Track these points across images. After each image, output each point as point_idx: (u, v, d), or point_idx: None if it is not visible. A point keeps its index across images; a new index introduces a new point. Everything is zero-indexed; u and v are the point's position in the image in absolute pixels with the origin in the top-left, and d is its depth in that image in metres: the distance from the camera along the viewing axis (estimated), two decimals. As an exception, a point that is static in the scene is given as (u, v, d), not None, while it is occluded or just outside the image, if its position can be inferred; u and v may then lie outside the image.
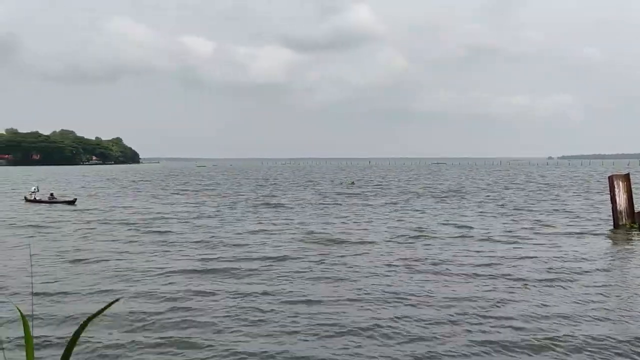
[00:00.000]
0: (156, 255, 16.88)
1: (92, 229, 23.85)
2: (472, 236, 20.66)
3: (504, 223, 24.79)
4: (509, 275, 13.83)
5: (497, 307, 10.96)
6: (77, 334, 1.96)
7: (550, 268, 14.67)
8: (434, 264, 15.25)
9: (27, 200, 39.63)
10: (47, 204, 37.02)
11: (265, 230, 22.75)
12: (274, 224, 24.67)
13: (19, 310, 1.81)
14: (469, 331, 9.51)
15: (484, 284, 12.97)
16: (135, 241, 19.90)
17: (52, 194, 39.56)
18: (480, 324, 9.91)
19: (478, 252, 17.29)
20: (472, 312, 10.59)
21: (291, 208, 32.96)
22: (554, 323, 9.88)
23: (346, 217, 27.72)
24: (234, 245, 18.82)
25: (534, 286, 12.68)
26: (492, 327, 9.73)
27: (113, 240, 20.15)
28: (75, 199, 38.74)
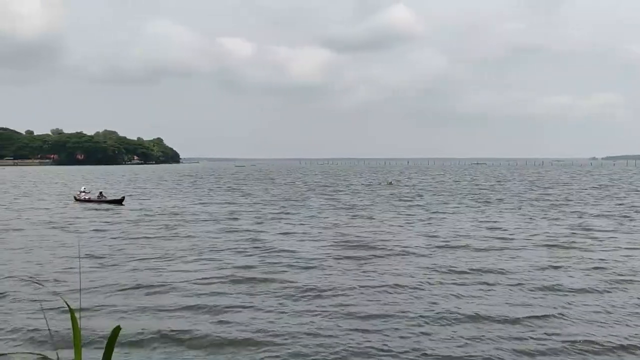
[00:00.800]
0: (195, 261, 16.69)
1: (136, 229, 24.18)
2: (515, 241, 19.87)
3: (548, 227, 23.88)
4: (557, 286, 13.10)
5: (546, 323, 10.34)
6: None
7: (601, 278, 13.91)
8: (476, 273, 14.60)
9: (76, 199, 40.22)
10: (96, 203, 37.57)
11: (300, 233, 22.42)
12: (311, 227, 24.30)
13: (68, 305, 1.84)
14: (520, 353, 8.97)
15: (530, 296, 12.35)
16: (177, 245, 19.77)
17: (100, 193, 40.09)
18: (530, 342, 9.35)
19: (521, 258, 16.58)
20: (519, 329, 10.03)
21: (327, 210, 32.59)
22: (614, 345, 9.25)
23: (383, 220, 27.11)
24: (268, 250, 18.45)
25: (587, 299, 12.00)
26: (545, 348, 9.15)
27: (156, 242, 20.22)
28: (124, 197, 39.00)
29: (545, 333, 9.69)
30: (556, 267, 15.26)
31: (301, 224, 25.52)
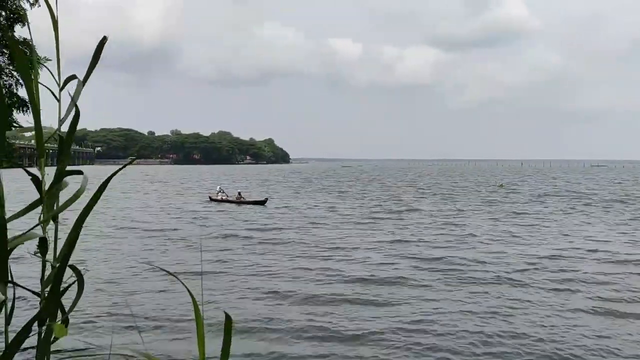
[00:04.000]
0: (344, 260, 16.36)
1: (281, 230, 24.07)
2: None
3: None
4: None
5: None
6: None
7: None
8: (598, 300, 12.63)
9: (211, 199, 39.39)
10: (234, 204, 36.66)
11: (392, 244, 20.73)
12: (410, 235, 22.59)
13: (191, 294, 1.74)
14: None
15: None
16: (317, 244, 19.94)
17: (239, 193, 38.92)
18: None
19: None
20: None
21: (425, 217, 30.27)
22: None
23: (488, 231, 24.45)
24: (353, 264, 16.82)
25: None
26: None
27: (286, 245, 20.12)
28: (267, 199, 38.02)
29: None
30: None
31: (395, 234, 23.84)
